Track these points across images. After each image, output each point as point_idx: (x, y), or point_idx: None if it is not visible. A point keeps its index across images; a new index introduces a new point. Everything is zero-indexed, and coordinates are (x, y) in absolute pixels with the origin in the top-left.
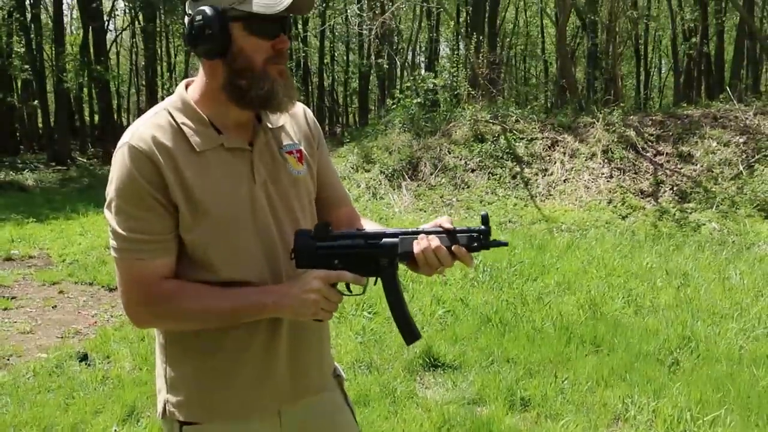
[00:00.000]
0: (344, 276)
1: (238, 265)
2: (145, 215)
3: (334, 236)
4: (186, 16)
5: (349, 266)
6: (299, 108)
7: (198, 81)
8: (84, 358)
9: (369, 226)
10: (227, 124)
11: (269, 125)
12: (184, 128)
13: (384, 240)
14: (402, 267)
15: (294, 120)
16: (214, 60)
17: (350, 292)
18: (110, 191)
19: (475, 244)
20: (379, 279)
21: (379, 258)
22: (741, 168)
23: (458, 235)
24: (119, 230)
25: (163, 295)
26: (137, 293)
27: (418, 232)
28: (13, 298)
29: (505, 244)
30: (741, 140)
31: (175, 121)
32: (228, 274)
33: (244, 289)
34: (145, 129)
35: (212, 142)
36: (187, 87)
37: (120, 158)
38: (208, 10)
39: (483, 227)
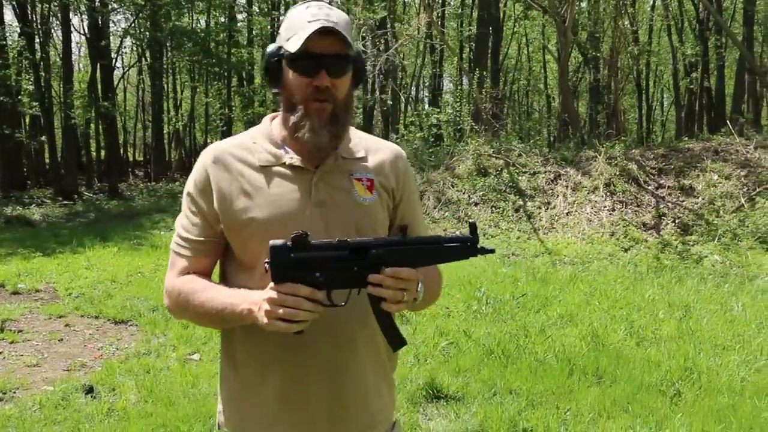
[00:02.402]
0: (299, 289)
1: None
2: (193, 218)
3: (315, 247)
4: None
5: (331, 278)
6: (394, 151)
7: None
8: (90, 390)
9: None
10: (300, 148)
11: (344, 155)
12: (254, 146)
13: (371, 252)
14: None
15: (380, 158)
16: (278, 91)
17: (331, 302)
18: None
19: (465, 251)
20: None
21: (363, 270)
22: (742, 201)
23: (448, 243)
24: (176, 225)
25: (177, 286)
26: (167, 282)
27: (406, 242)
28: (19, 331)
29: (492, 251)
30: (742, 173)
31: (250, 140)
32: (265, 282)
33: (238, 291)
34: (217, 144)
35: (276, 159)
36: (273, 119)
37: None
38: (270, 48)
39: (471, 236)
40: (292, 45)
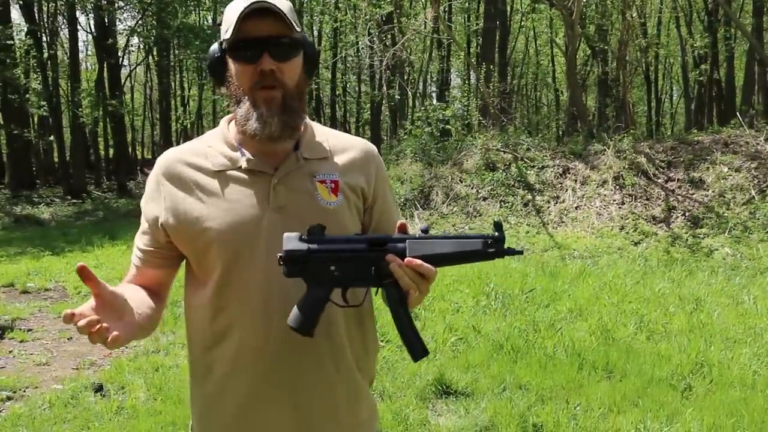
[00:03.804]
0: None
1: (228, 286)
2: (147, 228)
3: (331, 240)
4: None
5: (347, 274)
6: (364, 148)
7: None
8: (99, 389)
9: None
10: (258, 149)
11: (306, 155)
12: (209, 150)
13: (390, 245)
14: None
15: (348, 157)
16: (226, 89)
17: (346, 302)
18: None
19: (490, 250)
20: (380, 290)
21: (382, 265)
22: (753, 193)
23: (470, 240)
24: (136, 237)
25: None
26: None
27: (429, 237)
28: (29, 330)
29: (521, 253)
30: (752, 165)
31: (204, 144)
32: (217, 298)
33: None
34: (168, 152)
35: (232, 163)
36: (230, 121)
37: None
38: (213, 47)
39: (497, 233)
40: (229, 33)
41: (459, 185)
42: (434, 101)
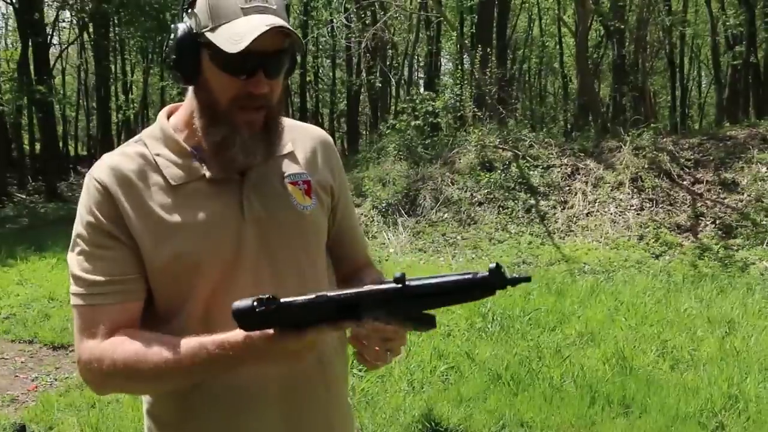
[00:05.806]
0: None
1: (208, 320)
2: (103, 254)
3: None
4: None
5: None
6: (321, 138)
7: (183, 106)
8: (21, 430)
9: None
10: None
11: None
12: (159, 159)
13: (364, 313)
14: None
15: (310, 150)
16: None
17: None
18: (73, 231)
19: (487, 280)
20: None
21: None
22: None
23: (456, 278)
24: (77, 272)
25: (109, 353)
26: (87, 345)
27: (408, 293)
28: None
29: (528, 279)
30: None
31: (149, 151)
32: (196, 333)
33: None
34: (111, 159)
35: (192, 174)
36: (170, 115)
37: (82, 193)
38: (181, 29)
39: (494, 266)
40: (229, 44)
41: (450, 188)
42: (422, 90)
